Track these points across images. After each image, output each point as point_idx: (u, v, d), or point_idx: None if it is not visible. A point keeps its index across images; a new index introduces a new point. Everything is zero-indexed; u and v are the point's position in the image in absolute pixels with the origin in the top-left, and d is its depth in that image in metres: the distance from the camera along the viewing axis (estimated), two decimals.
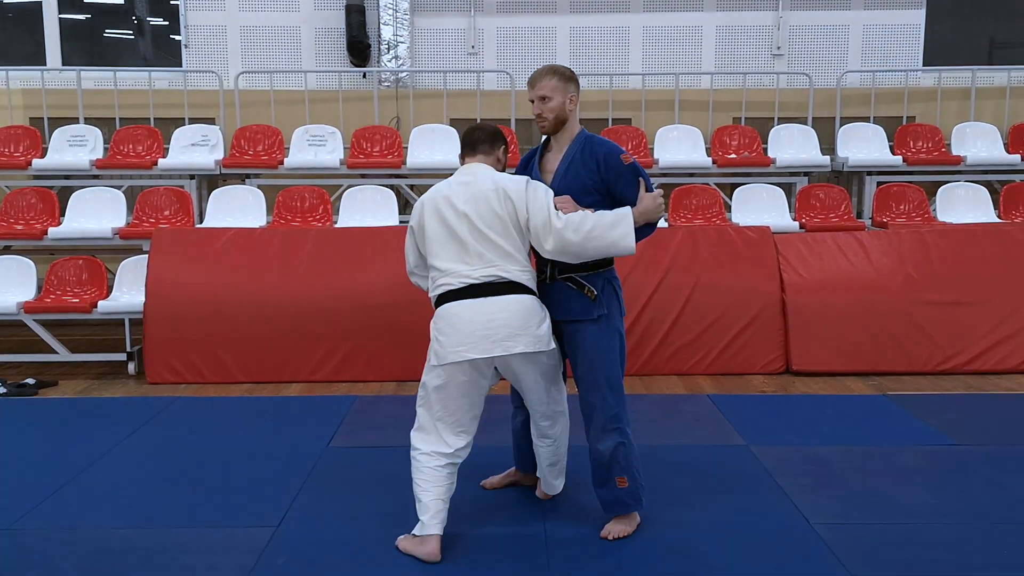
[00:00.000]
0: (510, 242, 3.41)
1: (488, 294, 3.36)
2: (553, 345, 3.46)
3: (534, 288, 3.45)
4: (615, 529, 3.56)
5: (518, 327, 3.35)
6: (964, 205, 7.52)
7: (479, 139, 3.62)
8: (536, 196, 3.42)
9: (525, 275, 3.43)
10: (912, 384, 5.83)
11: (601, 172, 3.50)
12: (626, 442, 3.54)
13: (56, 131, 7.80)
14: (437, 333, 3.42)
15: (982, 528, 3.64)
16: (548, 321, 3.46)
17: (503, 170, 3.63)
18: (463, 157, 3.64)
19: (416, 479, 3.48)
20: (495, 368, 3.48)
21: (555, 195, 3.51)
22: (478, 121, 7.91)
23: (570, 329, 3.56)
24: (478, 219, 3.39)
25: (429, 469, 3.45)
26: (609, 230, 3.37)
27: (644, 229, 3.48)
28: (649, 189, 3.51)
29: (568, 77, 3.59)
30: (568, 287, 3.53)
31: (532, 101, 3.60)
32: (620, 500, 3.58)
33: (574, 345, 3.58)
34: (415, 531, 3.46)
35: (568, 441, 3.83)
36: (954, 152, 7.96)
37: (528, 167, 3.74)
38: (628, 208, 3.43)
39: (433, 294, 3.49)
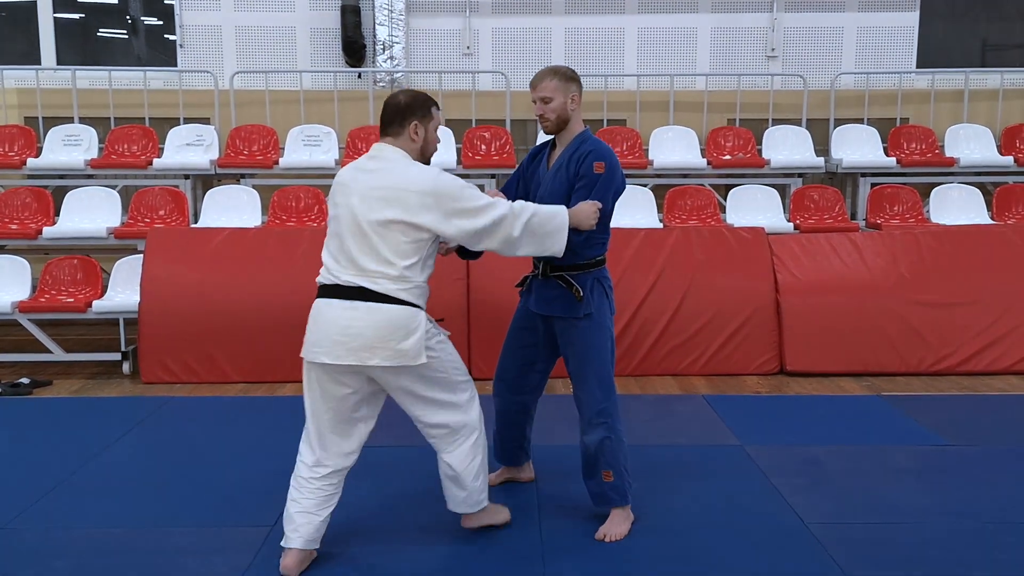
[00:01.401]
0: (393, 249, 3.11)
1: (355, 298, 3.13)
2: (423, 360, 3.17)
3: (413, 299, 3.17)
4: (611, 532, 3.58)
5: (375, 339, 3.10)
6: (957, 207, 7.55)
7: (386, 118, 3.26)
8: (454, 198, 3.13)
9: (401, 285, 3.14)
10: (905, 385, 5.85)
11: (578, 170, 3.52)
12: (612, 436, 3.56)
13: (51, 131, 7.79)
14: (309, 324, 3.26)
15: (974, 527, 3.66)
16: (419, 335, 3.16)
17: (422, 148, 3.28)
18: (380, 136, 3.31)
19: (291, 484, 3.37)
20: (369, 380, 3.26)
21: (544, 194, 3.54)
22: (473, 123, 7.99)
23: (561, 326, 3.62)
24: (364, 217, 3.10)
25: (298, 476, 3.35)
26: (546, 223, 3.27)
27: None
28: (603, 202, 3.46)
29: (569, 77, 3.60)
30: (558, 284, 3.56)
31: (534, 102, 3.60)
32: (604, 494, 3.61)
33: (565, 341, 3.63)
34: (282, 542, 3.33)
35: (476, 458, 3.45)
36: (947, 154, 7.98)
37: (536, 160, 3.76)
38: (564, 208, 3.37)
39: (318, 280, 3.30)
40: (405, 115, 3.24)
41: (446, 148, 7.71)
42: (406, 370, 3.20)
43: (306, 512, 3.28)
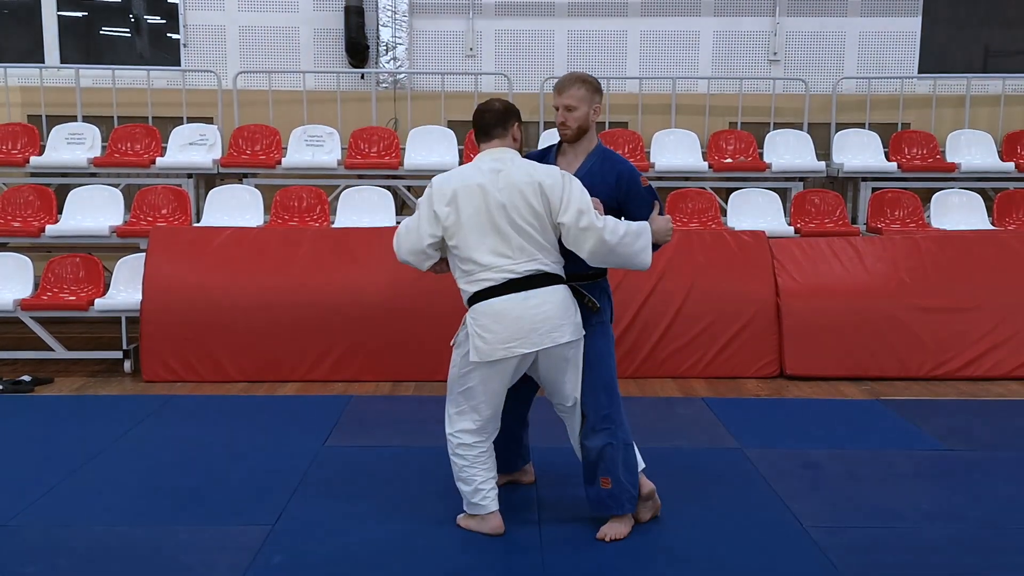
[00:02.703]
0: (545, 236, 3.39)
1: (528, 287, 3.36)
2: (583, 333, 3.50)
3: (564, 275, 3.47)
4: (611, 531, 3.58)
5: (562, 316, 3.39)
6: (958, 212, 7.56)
7: (490, 122, 3.51)
8: (574, 193, 3.37)
9: (559, 266, 3.45)
10: (905, 389, 5.86)
11: (620, 189, 3.56)
12: (615, 443, 3.56)
13: (54, 129, 7.80)
14: (480, 330, 3.39)
15: (973, 532, 3.67)
16: (577, 310, 3.49)
17: (521, 148, 3.57)
18: (478, 140, 3.55)
19: (463, 465, 3.57)
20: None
21: None
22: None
23: None
24: (515, 211, 3.35)
25: (469, 455, 3.55)
26: (635, 239, 3.42)
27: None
28: (661, 213, 3.59)
29: (595, 88, 3.61)
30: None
31: (556, 108, 3.60)
32: (602, 501, 3.61)
33: None
34: (471, 511, 3.61)
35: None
36: (948, 159, 7.99)
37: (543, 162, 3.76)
38: (647, 223, 3.50)
39: (470, 289, 3.43)
40: (508, 119, 3.51)
41: (448, 149, 7.73)
42: (578, 345, 3.48)
43: (492, 478, 3.59)
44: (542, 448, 4.21)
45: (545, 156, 3.75)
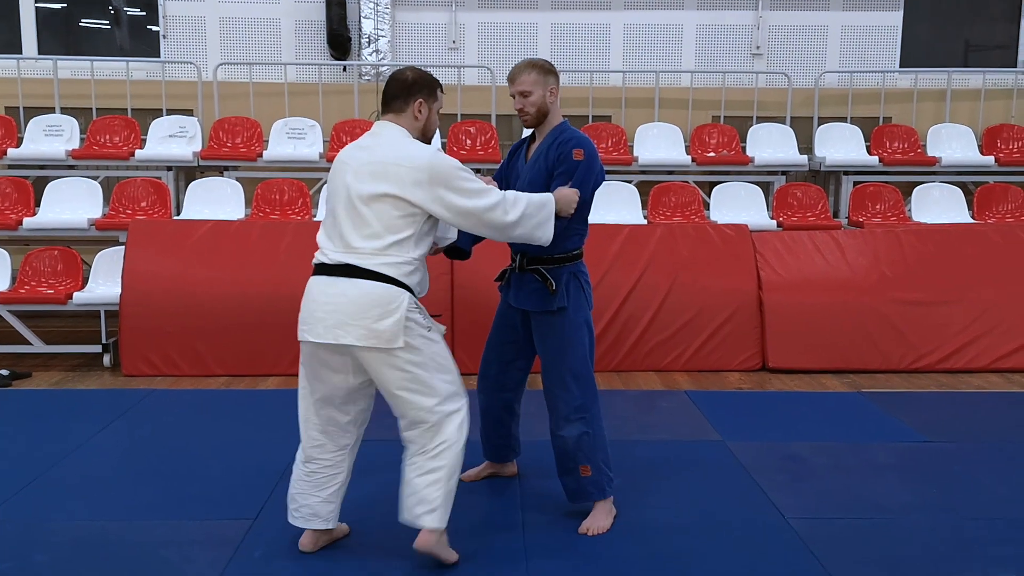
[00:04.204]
0: (383, 223, 3.05)
1: (339, 275, 3.07)
2: (399, 344, 3.04)
3: (399, 277, 3.07)
4: (594, 525, 3.58)
5: (351, 315, 3.02)
6: (939, 206, 7.61)
7: (392, 92, 3.21)
8: (449, 179, 3.07)
9: (388, 259, 3.05)
10: (886, 382, 5.89)
11: (554, 160, 3.51)
12: (591, 431, 3.55)
13: (32, 121, 7.72)
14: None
15: (953, 522, 3.69)
16: (398, 317, 3.03)
17: (424, 127, 3.25)
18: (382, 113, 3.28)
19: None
20: (356, 369, 3.19)
21: (524, 184, 3.53)
22: (458, 117, 7.97)
23: (536, 320, 3.60)
24: (358, 191, 3.05)
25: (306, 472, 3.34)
26: (536, 212, 3.24)
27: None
28: (582, 190, 3.46)
29: (547, 70, 3.58)
30: (533, 278, 3.54)
31: (513, 96, 3.59)
32: (583, 489, 3.60)
33: (539, 336, 3.62)
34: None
35: (450, 463, 3.20)
36: (929, 153, 8.05)
37: (515, 157, 3.75)
38: (550, 195, 3.35)
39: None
40: (411, 91, 3.20)
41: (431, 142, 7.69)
42: (382, 356, 3.06)
43: (303, 493, 3.34)
44: (522, 442, 4.18)
45: (520, 147, 3.75)
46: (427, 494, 3.17)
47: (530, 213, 3.24)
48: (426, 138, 3.28)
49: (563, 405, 3.56)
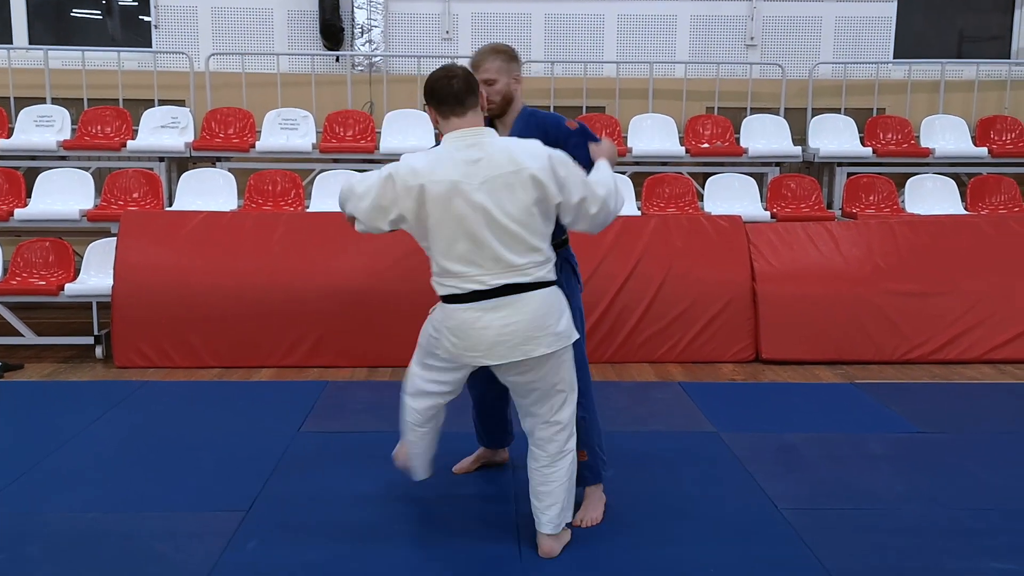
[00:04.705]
0: (534, 233, 3.00)
1: (503, 295, 3.00)
2: (576, 335, 3.18)
3: (554, 276, 3.13)
4: (587, 517, 3.58)
5: (536, 328, 3.02)
6: (932, 197, 7.62)
7: (462, 89, 3.03)
8: (569, 174, 3.04)
9: (546, 267, 3.07)
10: (879, 373, 5.90)
11: (551, 142, 3.32)
12: (587, 416, 3.54)
13: (22, 111, 7.67)
14: (448, 333, 3.10)
15: (946, 513, 3.70)
16: (568, 314, 3.15)
17: (486, 115, 3.26)
18: (445, 115, 3.06)
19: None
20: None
21: None
22: None
23: None
24: (499, 212, 2.93)
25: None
26: (614, 190, 3.16)
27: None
28: (596, 140, 3.44)
29: (511, 56, 3.49)
30: None
31: None
32: (580, 474, 3.58)
33: None
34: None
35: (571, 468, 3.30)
36: (923, 144, 8.05)
37: None
38: (604, 163, 3.28)
39: (436, 288, 3.13)
40: (475, 83, 3.10)
41: (424, 133, 7.68)
42: (561, 353, 3.11)
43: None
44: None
45: None
46: (571, 501, 3.31)
47: (611, 193, 3.13)
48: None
49: None
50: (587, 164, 3.32)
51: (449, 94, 3.04)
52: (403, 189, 3.00)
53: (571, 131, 3.45)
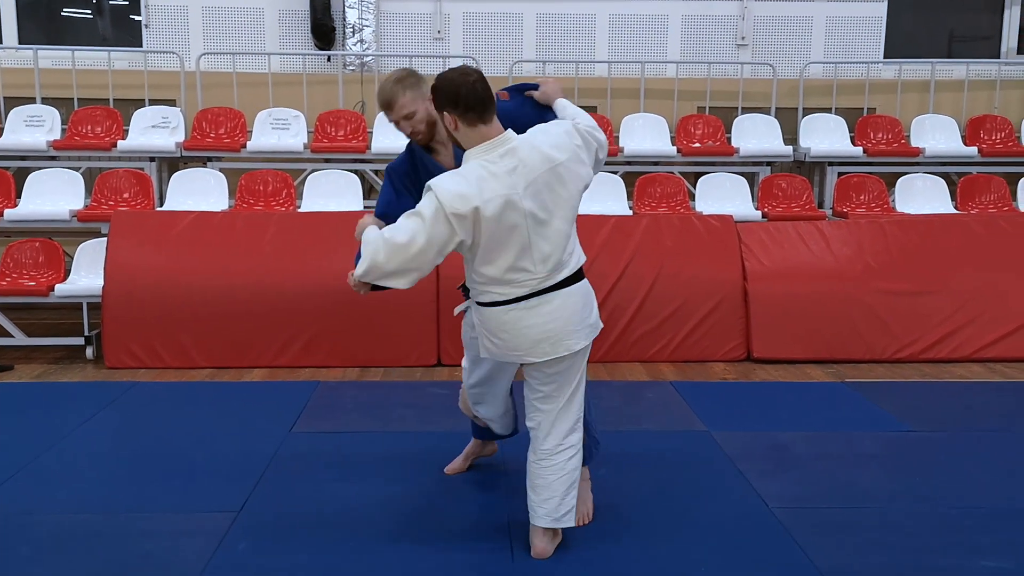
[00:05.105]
0: (570, 220, 3.06)
1: (550, 291, 3.04)
2: (601, 325, 3.28)
3: (583, 257, 3.19)
4: (579, 513, 3.57)
5: (577, 321, 3.10)
6: (922, 196, 7.65)
7: (483, 98, 2.93)
8: (581, 139, 3.10)
9: (578, 251, 3.15)
10: (869, 372, 5.92)
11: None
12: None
13: (12, 111, 7.64)
14: (488, 334, 3.12)
15: (937, 511, 3.71)
16: (595, 302, 3.26)
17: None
18: (472, 123, 2.94)
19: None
20: None
21: None
22: None
23: None
24: (545, 213, 2.96)
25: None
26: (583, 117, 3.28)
27: None
28: (531, 88, 3.41)
29: (416, 79, 3.31)
30: None
31: (396, 123, 3.30)
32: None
33: None
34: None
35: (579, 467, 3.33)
36: (913, 144, 8.08)
37: (417, 172, 3.42)
38: (561, 102, 3.34)
39: (474, 296, 3.13)
40: (490, 89, 2.98)
41: None
42: (587, 347, 3.20)
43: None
44: None
45: (411, 165, 3.47)
46: (570, 498, 3.30)
47: (588, 121, 3.24)
48: None
49: None
50: (540, 116, 3.28)
51: (478, 100, 2.92)
52: (456, 218, 2.87)
53: (507, 102, 3.32)
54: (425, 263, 2.96)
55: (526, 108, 3.35)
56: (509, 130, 3.02)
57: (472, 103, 2.91)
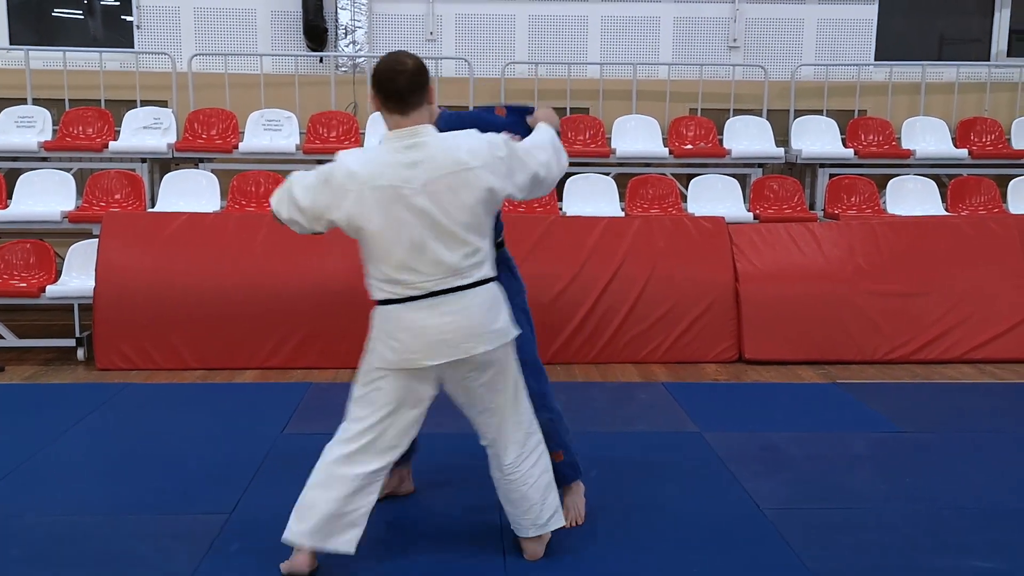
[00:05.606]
0: (478, 231, 2.91)
1: (446, 294, 2.90)
2: (516, 331, 3.07)
3: (493, 271, 3.04)
4: (569, 517, 3.58)
5: (477, 325, 2.92)
6: (913, 198, 7.68)
7: (406, 87, 2.85)
8: (508, 150, 2.95)
9: (486, 265, 2.98)
10: (860, 373, 5.94)
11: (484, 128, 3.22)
12: (554, 417, 3.51)
13: (3, 112, 7.61)
14: (386, 337, 2.96)
15: (928, 512, 3.73)
16: (506, 309, 3.06)
17: (432, 111, 3.03)
18: (389, 111, 2.89)
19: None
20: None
21: None
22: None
23: None
24: (442, 215, 2.83)
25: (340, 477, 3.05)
26: (556, 154, 3.11)
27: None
28: (529, 112, 3.39)
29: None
30: None
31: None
32: (560, 472, 3.56)
33: None
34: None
35: (549, 470, 3.27)
36: (904, 146, 8.11)
37: None
38: (546, 127, 3.21)
39: (370, 291, 3.00)
40: (424, 78, 2.90)
41: None
42: (506, 349, 3.02)
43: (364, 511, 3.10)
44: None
45: None
46: (551, 500, 3.22)
47: (558, 148, 3.12)
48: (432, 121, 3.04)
49: None
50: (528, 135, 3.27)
51: (392, 92, 2.87)
52: (340, 192, 2.87)
53: (501, 119, 3.35)
54: (306, 222, 2.99)
55: (518, 128, 3.34)
56: (428, 126, 2.93)
57: (389, 94, 2.87)
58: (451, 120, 3.38)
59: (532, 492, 3.17)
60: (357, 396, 3.10)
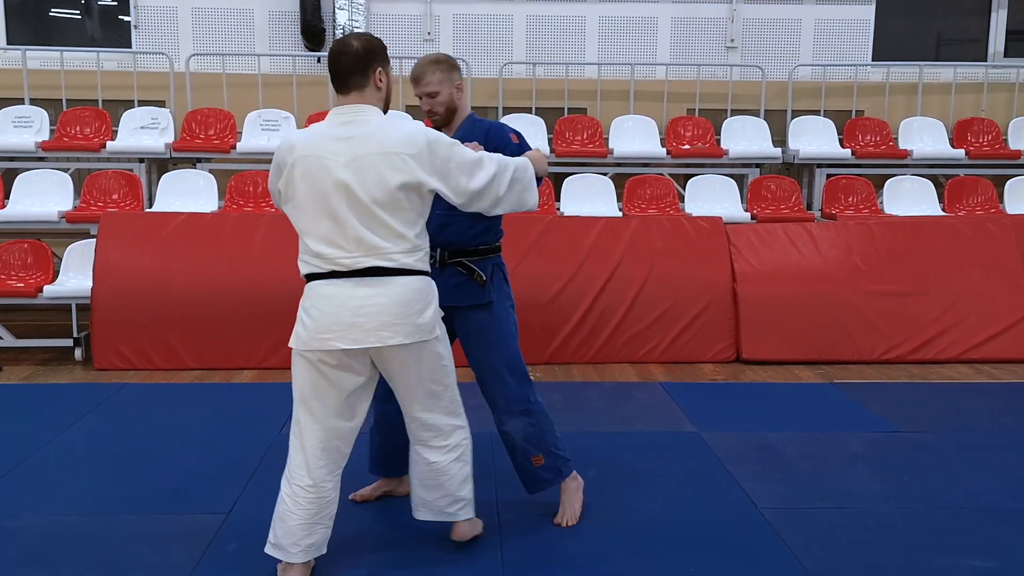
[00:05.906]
0: (401, 218, 2.87)
1: (368, 276, 2.86)
2: (437, 334, 3.01)
3: (424, 266, 2.98)
4: (566, 516, 3.58)
5: (395, 315, 2.86)
6: (910, 198, 7.69)
7: (347, 68, 2.90)
8: (448, 151, 2.91)
9: (415, 255, 2.92)
10: (858, 373, 5.95)
11: (490, 143, 3.35)
12: (534, 421, 3.50)
13: (0, 112, 7.61)
14: (303, 314, 2.93)
15: (925, 511, 3.73)
16: (434, 308, 2.99)
17: (387, 98, 3.02)
18: (336, 88, 2.95)
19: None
20: (372, 366, 3.00)
21: None
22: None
23: (462, 316, 3.44)
24: (362, 191, 2.81)
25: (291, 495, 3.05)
26: (522, 175, 3.08)
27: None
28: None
29: (452, 66, 3.46)
30: (458, 272, 3.39)
31: (419, 97, 3.43)
32: (540, 477, 3.57)
33: (467, 332, 3.47)
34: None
35: (468, 461, 3.26)
36: (901, 146, 8.12)
37: None
38: (526, 159, 3.19)
39: (301, 269, 2.98)
40: (368, 61, 2.91)
41: None
42: (417, 350, 2.95)
43: (307, 524, 3.05)
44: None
45: None
46: (462, 492, 3.24)
47: (518, 177, 3.07)
48: (386, 109, 3.03)
49: (502, 400, 3.48)
50: None
51: (335, 72, 2.93)
52: (281, 164, 2.95)
53: (511, 140, 3.43)
54: (278, 202, 3.08)
55: (507, 151, 3.34)
56: (370, 107, 2.95)
57: (333, 73, 2.94)
58: (472, 124, 3.49)
59: (448, 483, 3.20)
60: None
